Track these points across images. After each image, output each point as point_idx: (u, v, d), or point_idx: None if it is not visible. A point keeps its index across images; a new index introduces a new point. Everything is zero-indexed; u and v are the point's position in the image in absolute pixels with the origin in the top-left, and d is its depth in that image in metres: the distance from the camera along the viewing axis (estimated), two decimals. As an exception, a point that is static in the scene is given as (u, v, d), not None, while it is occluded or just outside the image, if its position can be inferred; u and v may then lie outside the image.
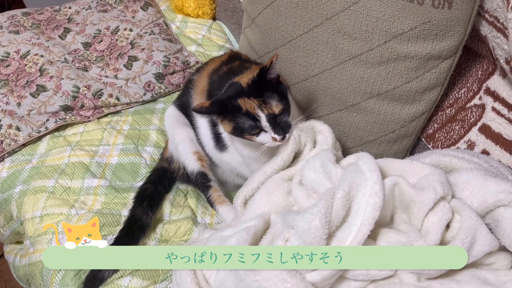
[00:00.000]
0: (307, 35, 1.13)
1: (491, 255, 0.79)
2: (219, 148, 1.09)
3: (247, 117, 0.91)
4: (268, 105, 0.91)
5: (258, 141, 0.94)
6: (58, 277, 1.00)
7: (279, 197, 0.92)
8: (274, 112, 0.91)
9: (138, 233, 1.04)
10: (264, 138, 0.93)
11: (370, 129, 1.14)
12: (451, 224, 0.80)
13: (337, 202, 0.77)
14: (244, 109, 0.91)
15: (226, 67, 1.12)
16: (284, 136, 0.93)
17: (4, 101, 1.33)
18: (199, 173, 1.12)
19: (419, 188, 0.82)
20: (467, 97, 1.09)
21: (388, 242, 0.78)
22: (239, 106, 0.91)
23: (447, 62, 1.03)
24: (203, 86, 1.12)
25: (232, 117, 0.92)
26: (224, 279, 0.77)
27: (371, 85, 1.08)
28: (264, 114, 0.90)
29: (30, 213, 1.13)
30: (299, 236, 0.75)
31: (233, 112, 0.91)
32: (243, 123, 0.91)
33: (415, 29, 0.98)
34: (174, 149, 1.16)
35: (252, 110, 0.90)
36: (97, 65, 1.47)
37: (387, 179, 0.83)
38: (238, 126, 0.92)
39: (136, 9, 1.66)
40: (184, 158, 1.13)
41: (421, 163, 0.90)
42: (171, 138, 1.17)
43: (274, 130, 0.92)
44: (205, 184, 1.13)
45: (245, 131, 0.92)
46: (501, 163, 0.98)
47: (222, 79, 1.06)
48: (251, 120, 0.91)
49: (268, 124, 0.91)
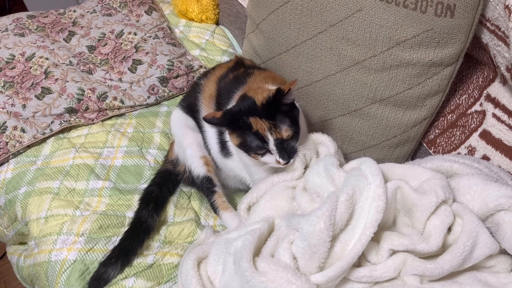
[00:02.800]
0: (311, 41, 1.15)
1: (491, 258, 0.81)
2: (224, 154, 1.10)
3: (255, 137, 0.92)
4: (278, 129, 0.91)
5: (263, 161, 0.95)
6: (63, 277, 1.01)
7: (283, 201, 0.94)
8: (283, 137, 0.92)
9: (143, 235, 1.05)
10: (268, 159, 0.95)
11: (372, 134, 1.16)
12: (452, 227, 0.82)
13: (341, 205, 0.78)
14: (254, 129, 0.91)
15: (232, 74, 1.13)
16: (288, 161, 0.94)
17: (10, 103, 1.34)
18: (205, 177, 1.13)
19: (421, 192, 0.83)
20: (468, 103, 1.11)
21: (392, 245, 0.79)
22: (250, 125, 0.91)
23: (448, 69, 1.05)
24: (211, 92, 1.13)
25: (241, 133, 0.93)
26: (230, 280, 0.78)
27: (373, 91, 1.10)
28: (273, 138, 0.91)
29: (35, 214, 1.13)
30: (304, 238, 0.77)
31: (243, 128, 0.92)
32: (251, 142, 0.92)
33: (417, 37, 1.00)
34: (181, 152, 1.17)
35: (262, 131, 0.91)
36: (102, 68, 1.49)
37: (390, 183, 0.84)
38: (246, 143, 0.93)
39: (140, 13, 1.67)
40: (191, 162, 1.14)
41: (422, 168, 0.92)
42: (179, 141, 1.18)
43: (280, 154, 0.93)
44: (210, 189, 1.13)
45: (251, 149, 0.93)
46: (501, 169, 1.00)
47: (229, 87, 1.08)
48: (259, 140, 0.92)
49: (275, 147, 0.92)
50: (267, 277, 0.74)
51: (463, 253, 0.77)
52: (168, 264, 1.05)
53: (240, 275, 0.77)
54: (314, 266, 0.77)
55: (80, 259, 1.02)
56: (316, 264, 0.77)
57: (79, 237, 1.06)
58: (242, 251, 0.78)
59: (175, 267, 1.05)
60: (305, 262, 0.77)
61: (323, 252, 0.77)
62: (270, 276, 0.74)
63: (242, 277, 0.76)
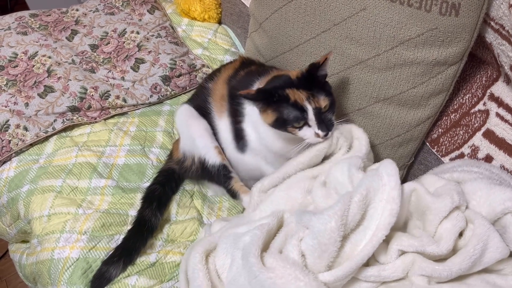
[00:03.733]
0: (315, 40, 1.15)
1: (500, 262, 0.80)
2: (240, 148, 1.10)
3: (293, 108, 0.91)
4: (316, 98, 0.91)
5: (300, 135, 0.94)
6: (66, 275, 1.01)
7: (298, 193, 0.93)
8: (321, 106, 0.92)
9: (147, 234, 1.05)
10: (306, 133, 0.93)
11: (376, 133, 1.16)
12: (464, 232, 0.81)
13: (353, 205, 0.77)
14: (292, 100, 0.91)
15: (243, 71, 1.13)
16: (327, 133, 0.93)
17: (12, 101, 1.34)
18: (221, 165, 1.12)
19: (436, 195, 0.83)
20: (472, 102, 1.11)
21: (401, 246, 0.78)
22: (287, 96, 0.91)
23: (452, 68, 1.05)
24: (222, 93, 1.13)
25: (276, 107, 0.92)
26: (237, 275, 0.78)
27: (377, 90, 1.10)
28: (312, 107, 0.91)
29: (37, 212, 1.13)
30: (314, 236, 0.76)
31: (279, 101, 0.91)
32: (288, 114, 0.91)
33: (422, 36, 1.00)
34: (189, 145, 1.16)
35: (301, 101, 0.90)
36: (104, 67, 1.49)
37: (406, 184, 0.83)
38: (282, 117, 0.92)
39: (143, 12, 1.67)
40: (205, 152, 1.13)
41: (437, 177, 0.91)
42: (186, 133, 1.17)
43: (319, 125, 0.92)
44: (227, 176, 1.12)
45: (289, 122, 0.92)
46: (502, 170, 1.00)
47: (244, 82, 1.08)
48: (298, 111, 0.91)
49: (314, 117, 0.91)
50: (274, 273, 0.74)
51: (473, 256, 0.76)
52: (171, 262, 1.05)
53: (247, 270, 0.76)
54: (323, 265, 0.77)
55: (83, 257, 1.02)
56: (325, 263, 0.77)
57: (82, 235, 1.05)
58: (250, 246, 0.78)
59: (177, 266, 1.05)
60: (313, 260, 0.77)
61: (332, 251, 0.76)
62: (277, 272, 0.74)
63: (249, 272, 0.75)
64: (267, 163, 1.10)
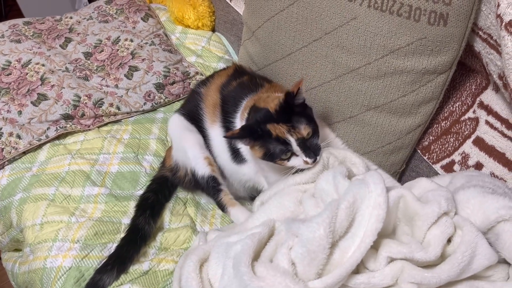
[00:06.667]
0: (307, 49, 1.16)
1: (490, 269, 0.81)
2: (237, 162, 1.11)
3: (277, 142, 0.93)
4: (297, 129, 0.93)
5: (290, 165, 0.96)
6: (58, 284, 1.00)
7: (290, 202, 0.94)
8: (303, 135, 0.93)
9: (140, 243, 1.05)
10: (295, 162, 0.96)
11: (367, 141, 1.17)
12: (452, 238, 0.82)
13: (341, 212, 0.79)
14: (274, 135, 0.93)
15: (235, 81, 1.14)
16: (315, 158, 0.95)
17: (5, 109, 1.34)
18: (210, 177, 1.13)
19: (424, 201, 0.84)
20: (462, 110, 1.12)
21: (390, 252, 0.79)
22: (269, 132, 0.93)
23: (442, 76, 1.06)
24: (214, 100, 1.14)
25: (263, 142, 0.94)
26: (228, 284, 0.78)
27: (368, 98, 1.11)
28: (294, 138, 0.93)
29: (30, 221, 1.13)
30: (303, 244, 0.77)
31: (263, 137, 0.94)
32: (274, 148, 0.94)
33: (411, 45, 1.01)
34: (181, 156, 1.17)
35: (282, 135, 0.93)
36: (98, 75, 1.49)
37: (393, 190, 0.85)
38: (269, 151, 0.94)
39: (136, 20, 1.68)
40: (194, 163, 1.14)
41: (430, 180, 0.92)
42: (178, 144, 1.18)
43: (306, 154, 0.94)
44: (216, 188, 1.14)
45: (276, 156, 0.94)
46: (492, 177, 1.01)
47: (236, 95, 1.09)
48: (282, 145, 0.93)
49: (298, 148, 0.93)
50: (265, 282, 0.74)
51: (461, 263, 0.76)
52: (164, 270, 1.05)
53: (238, 279, 0.77)
54: (313, 273, 0.78)
55: (76, 266, 1.02)
56: (314, 271, 0.77)
57: (75, 244, 1.05)
58: (241, 255, 0.79)
59: (170, 274, 1.05)
60: (303, 268, 0.78)
61: (322, 258, 0.77)
62: (268, 281, 0.74)
63: (240, 281, 0.76)
64: (265, 176, 1.11)
